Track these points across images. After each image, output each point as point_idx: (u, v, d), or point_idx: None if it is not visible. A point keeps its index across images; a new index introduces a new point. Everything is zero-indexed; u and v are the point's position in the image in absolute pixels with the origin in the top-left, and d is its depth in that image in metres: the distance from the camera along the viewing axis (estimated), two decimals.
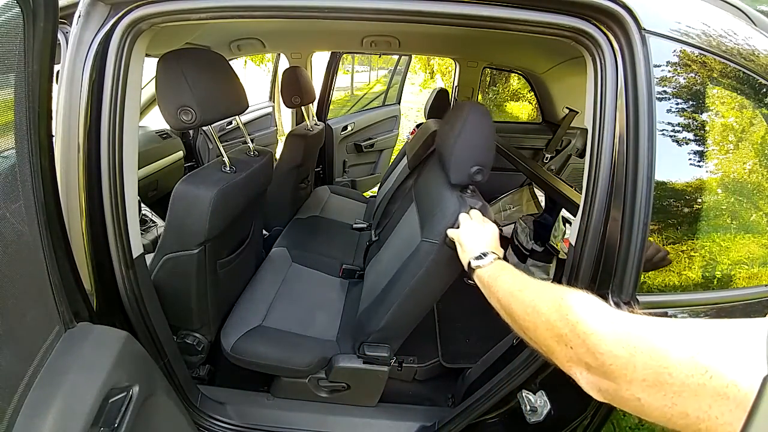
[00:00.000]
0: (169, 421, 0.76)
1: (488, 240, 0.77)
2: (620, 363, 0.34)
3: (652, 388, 0.31)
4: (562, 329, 0.40)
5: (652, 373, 0.32)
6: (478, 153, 0.97)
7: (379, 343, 1.08)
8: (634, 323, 0.36)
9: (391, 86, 3.32)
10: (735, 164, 0.74)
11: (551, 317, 0.42)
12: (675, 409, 0.30)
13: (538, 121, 2.61)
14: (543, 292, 0.48)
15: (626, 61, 0.69)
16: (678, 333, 0.33)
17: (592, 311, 0.39)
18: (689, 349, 0.31)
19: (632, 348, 0.34)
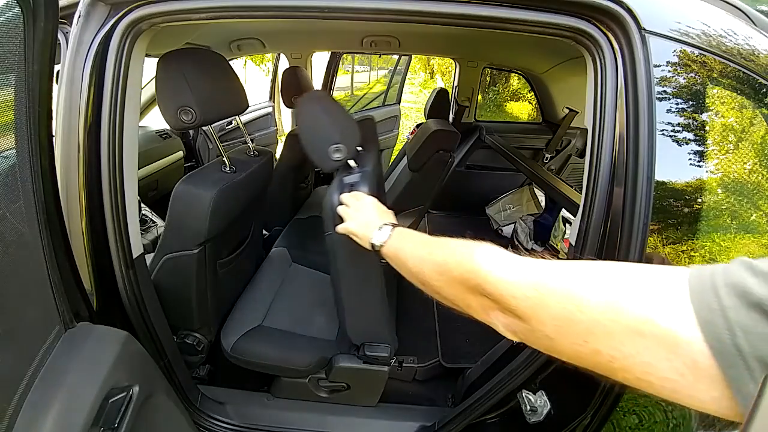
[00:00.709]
0: (169, 421, 0.76)
1: (373, 215, 0.73)
2: (532, 304, 0.34)
3: (564, 327, 0.31)
4: (475, 280, 0.40)
5: (563, 312, 0.31)
6: (324, 133, 0.93)
7: (378, 343, 1.08)
8: (544, 266, 0.36)
9: (391, 86, 3.32)
10: (735, 164, 0.74)
11: (464, 271, 0.42)
12: (587, 347, 0.30)
13: (538, 121, 2.61)
14: (451, 249, 0.47)
15: (626, 61, 0.69)
16: (590, 272, 0.32)
17: (502, 259, 0.39)
18: (601, 287, 0.31)
19: (543, 288, 0.33)
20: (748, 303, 0.24)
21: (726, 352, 0.24)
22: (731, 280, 0.26)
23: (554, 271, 0.34)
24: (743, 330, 0.24)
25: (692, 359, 0.26)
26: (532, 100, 2.68)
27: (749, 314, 0.24)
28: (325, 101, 0.99)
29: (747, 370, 0.24)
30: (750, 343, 0.24)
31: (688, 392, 0.26)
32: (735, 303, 0.25)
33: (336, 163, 0.92)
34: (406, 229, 0.65)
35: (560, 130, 2.24)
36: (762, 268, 0.25)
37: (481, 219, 2.60)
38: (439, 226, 2.57)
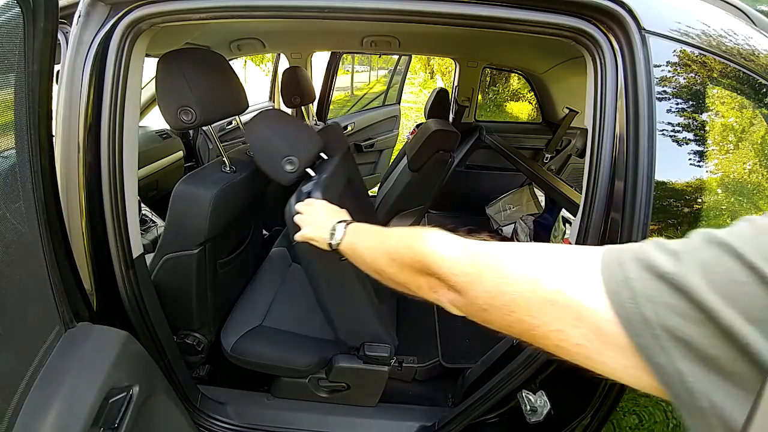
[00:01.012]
0: (169, 421, 0.76)
1: (326, 217, 0.74)
2: (470, 279, 0.37)
3: (495, 299, 0.34)
4: (423, 261, 0.43)
5: (494, 285, 0.35)
6: (273, 149, 0.96)
7: (378, 343, 1.08)
8: (482, 246, 0.39)
9: (391, 86, 3.32)
10: (735, 164, 0.74)
11: (413, 254, 0.45)
12: (513, 317, 0.33)
13: (538, 121, 2.61)
14: (402, 236, 0.50)
15: (626, 61, 0.69)
16: (519, 251, 0.36)
17: (446, 241, 0.43)
18: (525, 262, 0.34)
19: (480, 265, 0.37)
20: (654, 274, 0.26)
21: (632, 320, 0.26)
22: (640, 255, 0.27)
23: (489, 250, 0.38)
24: (648, 299, 0.25)
25: (597, 326, 0.28)
26: (532, 100, 2.68)
27: (655, 284, 0.25)
28: (270, 119, 1.01)
29: (654, 338, 0.25)
30: (655, 312, 0.25)
31: (598, 358, 0.28)
32: (641, 275, 0.26)
33: (291, 175, 0.95)
34: (360, 224, 0.67)
35: (560, 130, 2.24)
36: (671, 247, 0.27)
37: (481, 219, 2.60)
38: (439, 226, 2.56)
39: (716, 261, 0.24)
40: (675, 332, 0.24)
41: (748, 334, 0.22)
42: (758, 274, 0.22)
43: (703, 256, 0.25)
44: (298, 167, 0.96)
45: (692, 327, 0.24)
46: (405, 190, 1.86)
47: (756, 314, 0.22)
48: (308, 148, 1.03)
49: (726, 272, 0.24)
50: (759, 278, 0.22)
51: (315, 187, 0.92)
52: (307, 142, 1.04)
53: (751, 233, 0.25)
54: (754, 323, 0.22)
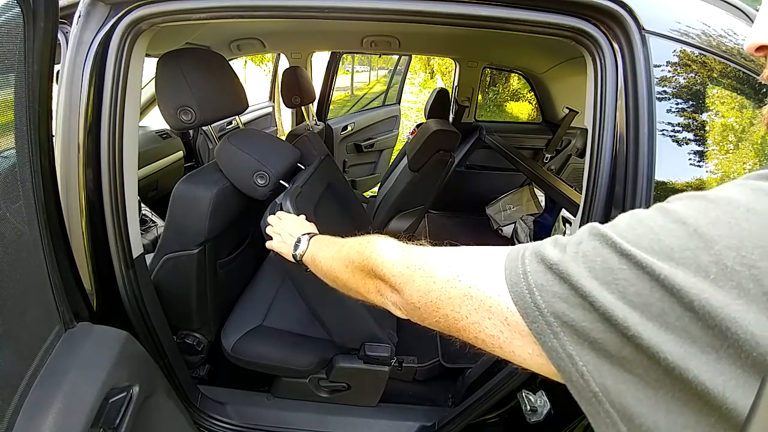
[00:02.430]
0: (169, 421, 0.76)
1: (293, 230, 0.77)
2: (405, 279, 0.40)
3: (424, 297, 0.37)
4: (369, 265, 0.47)
5: (424, 285, 0.38)
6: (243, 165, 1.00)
7: (379, 343, 1.08)
8: (417, 250, 0.43)
9: (391, 86, 3.32)
10: (735, 164, 0.74)
11: (362, 260, 0.49)
12: (439, 312, 0.36)
13: (538, 121, 2.61)
14: (354, 245, 0.53)
15: (626, 61, 0.69)
16: (446, 253, 0.39)
17: (388, 246, 0.46)
18: (449, 262, 0.37)
19: (413, 266, 0.40)
20: (545, 266, 0.28)
21: (528, 308, 0.28)
22: (536, 250, 0.30)
23: (422, 252, 0.41)
24: (539, 289, 0.28)
25: (504, 317, 0.30)
26: (532, 100, 2.68)
27: (545, 275, 0.28)
28: (236, 138, 1.04)
29: (546, 324, 0.27)
30: (545, 300, 0.27)
31: (509, 348, 0.31)
32: (535, 267, 0.29)
33: (263, 189, 0.98)
34: (322, 236, 0.70)
35: (560, 130, 2.24)
36: (562, 241, 0.30)
37: (481, 219, 2.60)
38: (439, 226, 2.57)
39: (595, 251, 0.26)
40: (562, 318, 0.26)
41: (627, 317, 0.23)
42: (632, 260, 0.24)
43: (584, 247, 0.27)
44: (269, 181, 0.99)
45: (576, 312, 0.25)
46: (405, 190, 1.87)
47: (633, 299, 0.23)
48: (280, 161, 1.06)
49: (603, 260, 0.25)
50: (633, 264, 0.24)
51: (284, 197, 0.94)
52: (278, 155, 1.07)
53: (628, 224, 0.26)
54: (631, 307, 0.23)
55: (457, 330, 0.35)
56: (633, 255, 0.24)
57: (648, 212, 0.27)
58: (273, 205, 0.94)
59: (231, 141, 1.03)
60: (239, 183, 1.01)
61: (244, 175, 1.00)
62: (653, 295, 0.23)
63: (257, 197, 1.02)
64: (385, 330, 1.11)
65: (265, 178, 0.98)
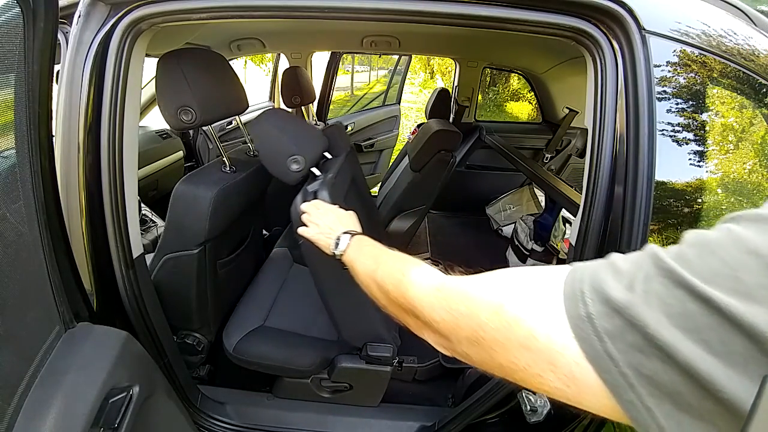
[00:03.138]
0: (169, 421, 0.76)
1: (334, 225, 0.75)
2: (449, 326, 0.37)
3: (474, 345, 0.34)
4: (405, 304, 0.45)
5: (471, 332, 0.34)
6: (279, 148, 0.96)
7: (380, 343, 1.08)
8: (455, 288, 0.39)
9: (391, 86, 3.32)
10: (735, 164, 0.74)
11: (397, 294, 0.46)
12: (494, 362, 0.33)
13: (538, 121, 2.61)
14: (389, 270, 0.51)
15: (626, 61, 0.69)
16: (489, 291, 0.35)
17: (423, 284, 0.43)
18: (495, 305, 0.33)
19: (455, 311, 0.37)
20: (611, 309, 0.25)
21: (600, 358, 0.25)
22: (596, 284, 0.27)
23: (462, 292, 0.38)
24: (610, 337, 0.25)
25: (570, 370, 0.27)
26: (532, 100, 2.68)
27: (614, 321, 0.25)
28: (276, 118, 1.01)
29: (621, 376, 0.24)
30: (619, 350, 0.24)
31: (577, 398, 0.28)
32: (600, 310, 0.26)
33: (297, 174, 0.95)
34: (364, 238, 0.67)
35: (560, 130, 2.24)
36: (621, 267, 0.27)
37: (481, 219, 2.60)
38: (439, 226, 2.57)
39: (667, 291, 0.24)
40: (639, 369, 0.24)
41: (711, 370, 0.21)
42: (712, 305, 0.21)
43: (655, 286, 0.24)
44: (304, 166, 0.96)
45: (654, 363, 0.23)
46: (407, 191, 1.86)
47: (716, 347, 0.21)
48: (313, 148, 1.03)
49: (679, 304, 0.23)
50: (713, 309, 0.21)
51: (321, 186, 0.92)
52: (312, 142, 1.04)
53: (699, 255, 0.24)
54: (714, 356, 0.21)
55: (516, 380, 0.32)
56: (712, 299, 0.22)
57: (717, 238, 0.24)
58: (305, 192, 0.92)
59: (268, 120, 1.00)
60: (271, 165, 0.99)
61: (279, 158, 0.96)
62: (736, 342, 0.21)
63: (286, 181, 0.99)
64: (390, 331, 1.11)
65: (300, 164, 0.95)
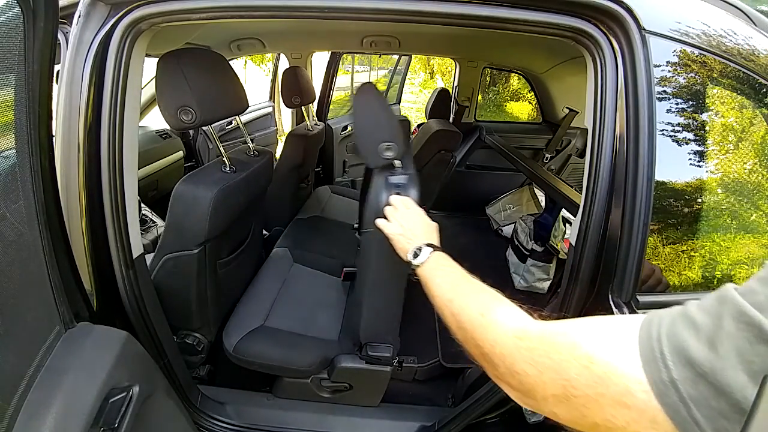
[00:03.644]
0: (169, 421, 0.76)
1: (418, 231, 0.73)
2: (532, 381, 0.35)
3: (563, 403, 0.32)
4: (484, 348, 0.41)
5: (559, 389, 0.32)
6: (379, 131, 0.93)
7: (379, 343, 1.08)
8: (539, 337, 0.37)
9: (391, 86, 3.32)
10: (735, 164, 0.74)
11: (476, 336, 0.43)
12: (586, 420, 0.31)
13: (538, 121, 2.61)
14: (469, 306, 0.48)
15: (626, 61, 0.69)
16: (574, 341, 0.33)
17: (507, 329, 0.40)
18: (585, 359, 0.31)
19: (540, 365, 0.34)
20: (695, 374, 0.25)
21: (686, 424, 0.25)
22: (677, 344, 0.26)
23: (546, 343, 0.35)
24: (695, 403, 0.24)
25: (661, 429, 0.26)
26: (532, 100, 2.68)
27: (697, 387, 0.25)
28: (381, 98, 0.97)
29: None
30: (704, 416, 0.24)
31: None
32: (683, 374, 0.25)
33: (385, 161, 0.92)
34: (443, 256, 0.65)
35: (560, 130, 2.24)
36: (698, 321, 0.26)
37: (481, 219, 2.60)
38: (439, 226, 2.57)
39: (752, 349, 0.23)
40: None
41: None
42: None
43: (738, 343, 0.24)
44: (394, 155, 0.92)
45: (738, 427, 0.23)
46: None
47: None
48: (402, 138, 0.98)
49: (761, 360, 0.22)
50: None
51: (410, 183, 0.90)
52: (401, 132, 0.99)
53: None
54: None
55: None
56: None
57: None
58: (387, 184, 0.90)
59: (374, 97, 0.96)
60: (363, 143, 0.94)
61: (374, 140, 0.93)
62: None
63: (371, 165, 0.96)
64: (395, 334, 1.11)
65: (393, 152, 0.92)
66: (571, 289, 0.79)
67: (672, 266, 0.73)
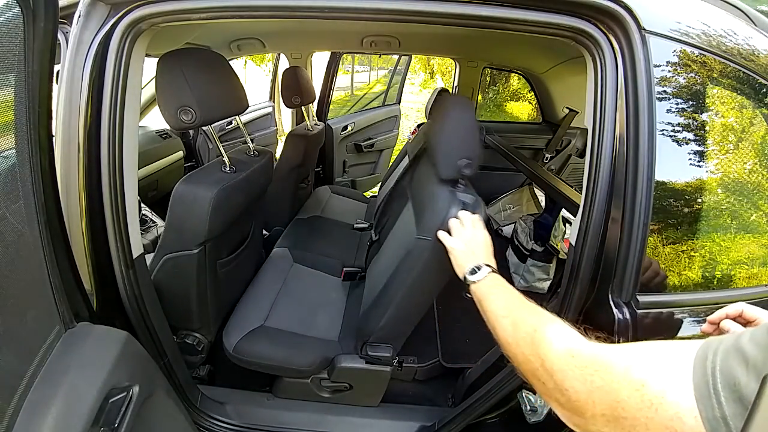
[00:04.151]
0: (169, 421, 0.76)
1: (480, 251, 0.75)
2: (582, 399, 0.35)
3: (612, 422, 0.33)
4: (534, 364, 0.42)
5: (608, 409, 0.33)
6: (464, 146, 0.94)
7: (381, 343, 1.08)
8: (591, 356, 0.37)
9: (391, 86, 3.31)
10: (735, 164, 0.74)
11: (526, 351, 0.45)
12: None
13: (538, 121, 2.61)
14: (522, 322, 0.49)
15: (626, 61, 0.69)
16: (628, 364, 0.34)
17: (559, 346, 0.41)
18: (637, 382, 0.32)
19: (590, 384, 0.35)
20: (744, 409, 0.25)
21: None
22: (729, 379, 0.27)
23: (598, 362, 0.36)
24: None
25: None
26: (532, 100, 2.68)
27: None
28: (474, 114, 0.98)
29: None
30: None
31: None
32: (734, 410, 0.26)
33: (457, 176, 0.94)
34: (499, 279, 0.67)
35: (560, 130, 2.24)
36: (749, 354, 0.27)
37: None
38: None
39: None
40: None
41: None
42: None
43: None
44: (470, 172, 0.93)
45: None
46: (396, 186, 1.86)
47: None
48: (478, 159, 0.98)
49: None
50: None
51: (478, 204, 0.91)
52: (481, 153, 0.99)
53: None
54: None
55: None
56: None
57: None
58: (456, 199, 0.91)
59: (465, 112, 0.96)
60: (441, 154, 0.95)
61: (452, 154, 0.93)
62: None
63: (443, 175, 0.95)
64: None
65: (470, 169, 0.92)
66: (571, 289, 0.79)
67: (672, 266, 0.73)
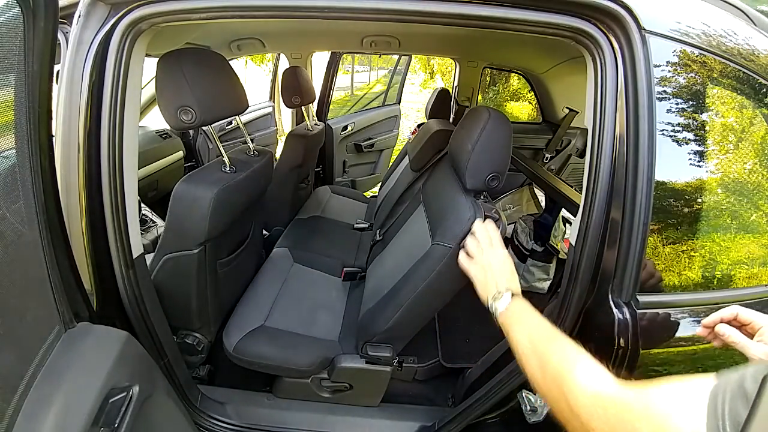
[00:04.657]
0: (169, 421, 0.76)
1: (500, 275, 0.73)
2: None
3: None
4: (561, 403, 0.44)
5: None
6: (495, 160, 0.95)
7: (382, 344, 1.08)
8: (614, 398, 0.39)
9: (391, 86, 3.32)
10: (735, 164, 0.74)
11: (553, 391, 0.46)
12: None
13: (538, 121, 2.61)
14: (550, 360, 0.50)
15: (626, 61, 0.69)
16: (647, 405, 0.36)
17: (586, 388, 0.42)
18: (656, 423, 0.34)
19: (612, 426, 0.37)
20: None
21: None
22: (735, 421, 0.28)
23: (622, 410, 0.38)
24: None
25: None
26: (532, 100, 2.68)
27: None
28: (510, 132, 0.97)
29: None
30: None
31: None
32: None
33: (485, 187, 0.94)
34: (523, 304, 0.66)
35: (560, 130, 2.24)
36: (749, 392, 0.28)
37: None
38: None
39: None
40: None
41: None
42: None
43: None
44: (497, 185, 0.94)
45: None
46: (407, 191, 1.86)
47: None
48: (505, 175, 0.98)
49: None
50: None
51: (499, 221, 0.89)
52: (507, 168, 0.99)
53: None
54: None
55: None
56: None
57: None
58: (480, 210, 0.89)
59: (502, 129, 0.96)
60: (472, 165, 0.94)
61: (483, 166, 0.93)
62: None
63: (470, 185, 0.96)
64: None
65: (497, 183, 0.93)
66: (571, 289, 0.79)
67: (672, 266, 0.73)
